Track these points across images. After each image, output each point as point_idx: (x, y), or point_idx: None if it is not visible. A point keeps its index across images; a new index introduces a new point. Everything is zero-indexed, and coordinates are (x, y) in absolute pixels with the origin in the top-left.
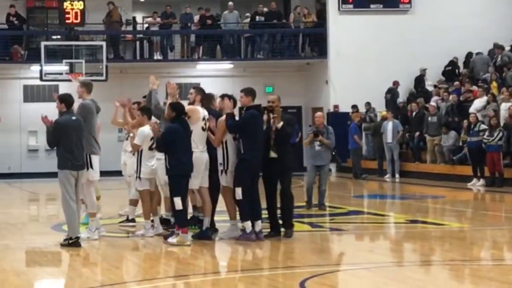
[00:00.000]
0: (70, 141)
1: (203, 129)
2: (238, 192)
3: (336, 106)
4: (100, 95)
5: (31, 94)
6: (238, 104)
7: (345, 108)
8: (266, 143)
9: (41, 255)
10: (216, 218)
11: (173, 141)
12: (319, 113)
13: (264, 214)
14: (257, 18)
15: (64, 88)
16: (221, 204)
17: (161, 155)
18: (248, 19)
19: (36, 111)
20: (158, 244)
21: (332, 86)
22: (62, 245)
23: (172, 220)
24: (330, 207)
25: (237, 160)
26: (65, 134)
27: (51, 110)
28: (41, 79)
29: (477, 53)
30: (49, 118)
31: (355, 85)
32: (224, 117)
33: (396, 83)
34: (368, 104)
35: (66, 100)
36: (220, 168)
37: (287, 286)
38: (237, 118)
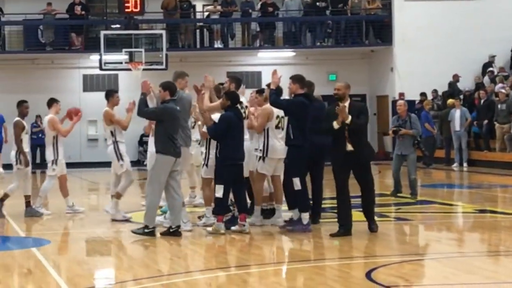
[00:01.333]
0: (175, 128)
1: (244, 118)
2: (296, 182)
3: (401, 94)
4: None
5: (91, 84)
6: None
7: (410, 96)
8: (341, 135)
9: (102, 244)
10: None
11: (226, 130)
12: (400, 102)
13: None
14: (318, 4)
15: (124, 78)
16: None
17: None
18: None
19: (96, 101)
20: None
21: (397, 74)
22: (162, 234)
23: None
24: (397, 196)
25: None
26: (172, 119)
27: None
28: (100, 68)
29: None
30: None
31: (420, 72)
32: (267, 105)
33: (455, 77)
34: (435, 91)
35: (169, 88)
36: (258, 154)
37: (353, 276)
38: None
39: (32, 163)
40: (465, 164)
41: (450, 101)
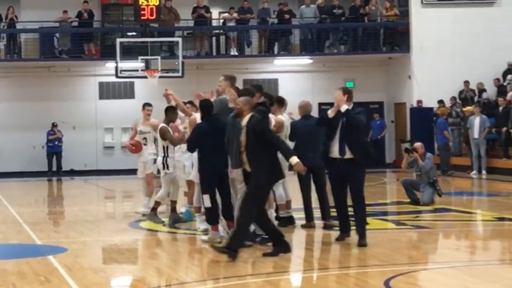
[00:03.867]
0: None
1: None
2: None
3: (419, 101)
4: (177, 92)
5: (107, 91)
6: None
7: (429, 103)
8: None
9: (119, 252)
10: None
11: (196, 141)
12: (417, 144)
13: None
14: (335, 11)
15: (140, 85)
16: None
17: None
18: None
19: (112, 108)
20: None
21: (415, 81)
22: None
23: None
24: (415, 204)
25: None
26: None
27: (127, 107)
28: (116, 76)
29: None
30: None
31: (438, 80)
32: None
33: (467, 83)
34: (453, 98)
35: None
36: None
37: (372, 285)
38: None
39: (48, 171)
40: (483, 172)
41: (468, 108)
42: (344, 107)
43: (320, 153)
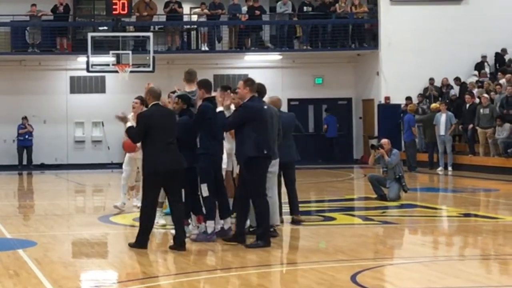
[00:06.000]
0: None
1: None
2: (204, 188)
3: (387, 98)
4: None
5: (78, 86)
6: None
7: (396, 99)
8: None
9: (88, 246)
10: None
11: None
12: (384, 140)
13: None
14: (305, 8)
15: (111, 80)
16: None
17: None
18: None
19: (83, 103)
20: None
21: (383, 78)
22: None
23: None
24: (382, 200)
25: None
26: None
27: (98, 101)
28: (87, 70)
29: None
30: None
31: (406, 77)
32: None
33: (431, 81)
34: (420, 95)
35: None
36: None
37: (339, 279)
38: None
39: (18, 165)
40: (449, 168)
41: (434, 105)
42: (219, 108)
43: (291, 148)
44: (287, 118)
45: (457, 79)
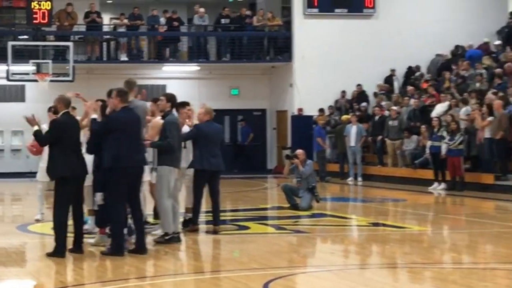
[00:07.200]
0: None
1: None
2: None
3: (300, 109)
4: None
5: None
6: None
7: (309, 111)
8: None
9: (6, 255)
10: None
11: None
12: (299, 151)
13: None
14: (223, 21)
15: (30, 89)
16: None
17: None
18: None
19: (2, 111)
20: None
21: (296, 89)
22: (156, 242)
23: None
24: (294, 209)
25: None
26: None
27: (17, 110)
28: (7, 79)
29: (437, 56)
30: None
31: (319, 89)
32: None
33: (343, 93)
34: (331, 107)
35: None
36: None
37: (251, 287)
38: None
39: None
40: (359, 179)
41: (344, 117)
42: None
43: (219, 158)
44: (216, 129)
45: (366, 93)
